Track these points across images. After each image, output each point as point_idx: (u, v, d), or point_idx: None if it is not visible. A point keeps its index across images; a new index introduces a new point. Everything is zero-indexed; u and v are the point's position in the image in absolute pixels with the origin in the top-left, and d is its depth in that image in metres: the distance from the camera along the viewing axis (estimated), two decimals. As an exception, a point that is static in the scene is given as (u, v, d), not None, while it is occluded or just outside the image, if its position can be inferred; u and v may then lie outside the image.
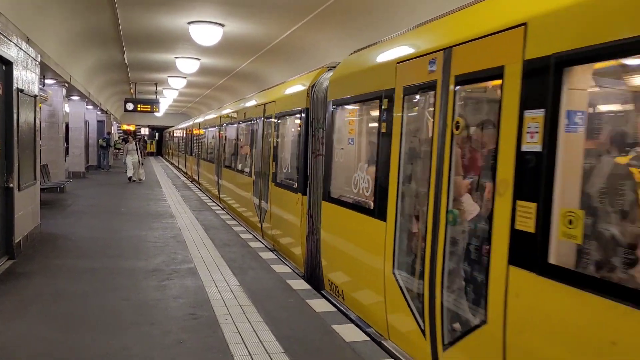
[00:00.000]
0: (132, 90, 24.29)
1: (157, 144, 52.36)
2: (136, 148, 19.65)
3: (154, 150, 51.02)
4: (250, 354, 4.26)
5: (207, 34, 11.58)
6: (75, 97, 19.69)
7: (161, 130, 49.83)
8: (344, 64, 6.20)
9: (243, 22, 11.16)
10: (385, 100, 4.67)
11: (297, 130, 7.85)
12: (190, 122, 26.78)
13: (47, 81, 14.41)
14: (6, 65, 7.16)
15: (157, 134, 52.46)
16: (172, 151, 38.32)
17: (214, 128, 16.80)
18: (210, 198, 15.68)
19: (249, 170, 10.99)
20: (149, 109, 21.85)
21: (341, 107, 6.12)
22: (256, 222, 9.93)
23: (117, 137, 35.47)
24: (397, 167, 4.43)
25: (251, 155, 10.97)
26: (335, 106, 6.14)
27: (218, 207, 13.43)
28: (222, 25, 11.29)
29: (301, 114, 7.47)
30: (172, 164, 35.87)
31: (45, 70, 12.15)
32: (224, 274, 6.70)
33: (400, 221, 4.43)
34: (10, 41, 7.22)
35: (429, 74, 3.98)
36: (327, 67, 7.29)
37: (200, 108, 36.42)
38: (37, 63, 9.02)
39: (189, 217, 11.50)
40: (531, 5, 3.09)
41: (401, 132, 4.41)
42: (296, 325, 4.97)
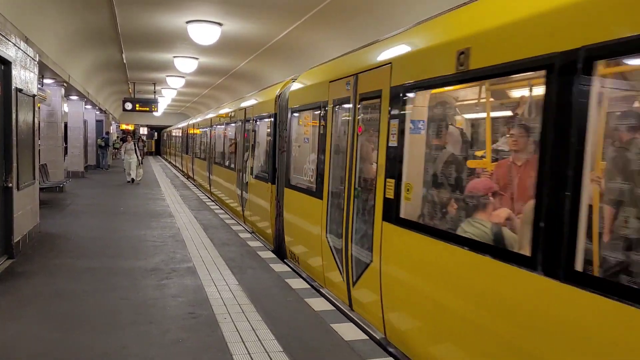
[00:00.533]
0: (130, 89, 24.24)
1: (156, 143, 52.49)
2: (134, 148, 19.62)
3: (152, 150, 51.07)
4: (249, 353, 4.28)
5: (205, 34, 11.59)
6: (73, 97, 19.68)
7: (160, 129, 49.88)
8: (299, 79, 7.76)
9: (241, 21, 11.17)
10: (322, 109, 6.26)
11: (268, 131, 9.28)
12: (186, 123, 28.34)
13: (46, 81, 14.40)
14: (5, 65, 7.16)
15: (155, 134, 52.54)
16: (170, 150, 38.93)
17: (206, 128, 18.27)
18: (203, 193, 16.95)
19: (233, 166, 12.35)
20: (147, 109, 21.82)
21: (297, 112, 7.72)
22: (240, 210, 11.39)
23: (115, 137, 35.45)
24: (329, 158, 6.00)
25: (235, 152, 12.38)
26: (292, 112, 7.77)
27: (217, 207, 13.46)
28: (220, 24, 11.31)
29: (271, 117, 9.00)
30: (170, 163, 35.96)
31: (43, 70, 12.15)
32: (222, 273, 6.72)
33: (331, 198, 5.96)
34: (9, 41, 7.22)
35: (346, 91, 5.53)
36: (291, 79, 8.63)
37: (198, 108, 36.40)
38: (36, 63, 9.02)
39: (188, 217, 11.52)
40: (394, 50, 4.72)
41: (331, 132, 6.00)
42: (295, 324, 4.99)
